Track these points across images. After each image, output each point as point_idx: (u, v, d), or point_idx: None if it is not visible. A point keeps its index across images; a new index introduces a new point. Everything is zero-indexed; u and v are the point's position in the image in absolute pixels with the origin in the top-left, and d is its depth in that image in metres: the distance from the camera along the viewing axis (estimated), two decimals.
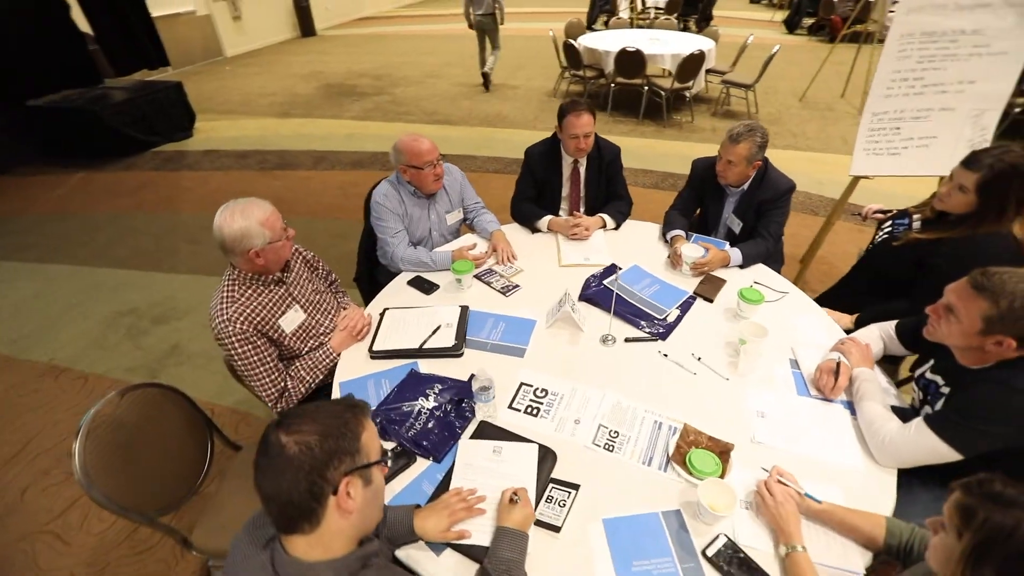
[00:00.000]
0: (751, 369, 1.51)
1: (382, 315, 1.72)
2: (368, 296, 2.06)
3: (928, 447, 1.18)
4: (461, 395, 1.41)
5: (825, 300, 1.89)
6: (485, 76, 6.70)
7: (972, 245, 1.53)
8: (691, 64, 5.17)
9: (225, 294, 1.43)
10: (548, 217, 2.19)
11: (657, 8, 9.40)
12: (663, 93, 5.47)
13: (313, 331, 1.61)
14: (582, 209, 2.39)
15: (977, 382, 1.17)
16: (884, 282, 1.79)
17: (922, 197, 1.82)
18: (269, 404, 1.50)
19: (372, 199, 2.03)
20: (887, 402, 1.35)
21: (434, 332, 1.62)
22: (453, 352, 1.56)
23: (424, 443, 1.29)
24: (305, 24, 10.32)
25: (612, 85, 5.71)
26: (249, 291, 1.46)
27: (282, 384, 1.50)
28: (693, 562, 1.07)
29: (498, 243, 2.04)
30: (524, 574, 1.01)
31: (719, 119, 5.85)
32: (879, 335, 1.54)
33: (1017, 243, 1.51)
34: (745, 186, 2.03)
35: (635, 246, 2.11)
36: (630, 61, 5.28)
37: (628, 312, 1.72)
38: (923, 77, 2.09)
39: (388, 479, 1.21)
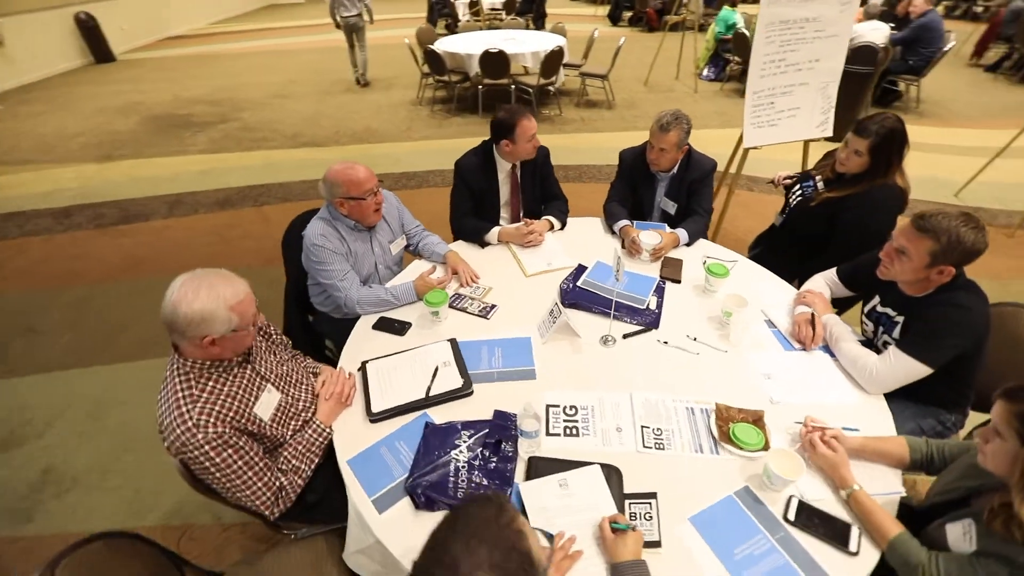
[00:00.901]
0: (740, 338, 1.63)
1: (362, 370, 1.51)
2: (307, 349, 1.81)
3: (907, 369, 1.39)
4: (496, 435, 1.29)
5: (764, 259, 2.12)
6: (359, 78, 7.04)
7: (871, 196, 1.84)
8: (553, 60, 5.42)
9: (181, 393, 1.12)
10: (497, 229, 2.12)
11: (494, 9, 9.69)
12: (530, 90, 5.66)
13: (292, 410, 1.35)
14: (521, 214, 2.36)
15: (929, 307, 1.40)
16: (805, 238, 2.06)
17: (787, 161, 2.13)
18: (265, 511, 1.23)
19: (308, 242, 1.77)
20: (855, 339, 1.56)
21: (435, 375, 1.47)
22: (464, 392, 1.43)
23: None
24: (97, 48, 8.66)
25: (480, 87, 5.75)
26: (211, 383, 1.17)
27: (276, 484, 1.23)
28: (781, 531, 1.12)
29: (456, 264, 1.93)
30: None
31: (583, 109, 6.23)
32: (825, 283, 1.76)
33: (901, 190, 1.84)
34: (674, 170, 2.18)
35: (587, 242, 2.14)
36: (495, 62, 5.36)
37: (604, 308, 1.73)
38: (785, 58, 2.45)
39: None
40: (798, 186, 2.12)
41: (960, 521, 1.06)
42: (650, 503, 1.17)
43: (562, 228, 2.23)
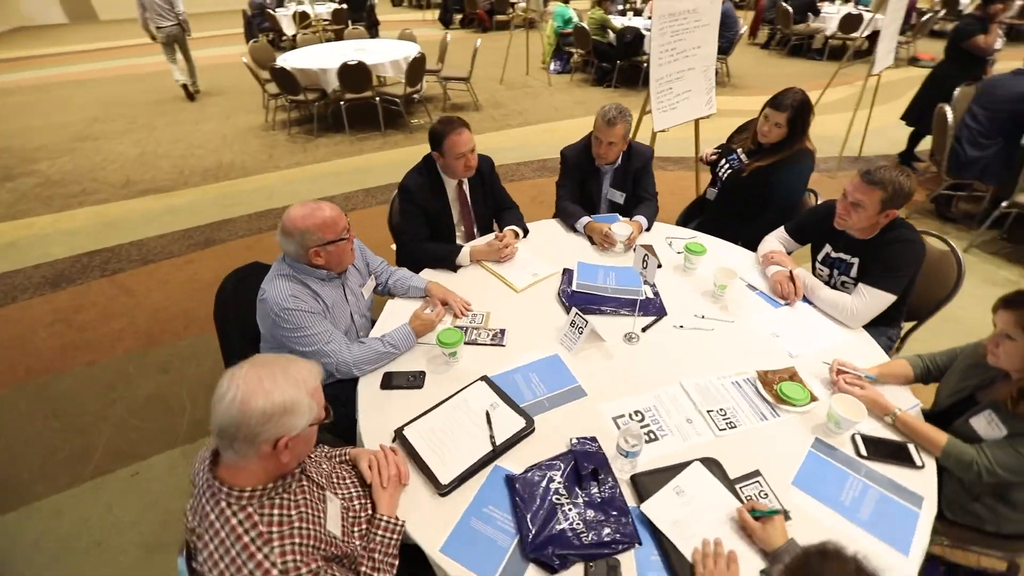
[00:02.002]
0: (739, 306, 1.76)
1: (399, 440, 1.30)
2: None
3: (879, 301, 1.63)
4: (587, 464, 1.21)
5: (707, 228, 2.31)
6: (186, 88, 6.66)
7: (793, 160, 2.12)
8: (417, 67, 5.26)
9: (249, 538, 0.84)
10: (467, 248, 1.98)
11: (323, 20, 9.07)
12: (398, 100, 5.43)
13: (351, 513, 1.10)
14: (475, 230, 2.25)
15: (881, 246, 1.66)
16: (740, 205, 2.29)
17: (679, 139, 2.38)
18: None
19: (274, 309, 1.45)
20: (825, 286, 1.78)
21: (489, 421, 1.32)
22: (529, 431, 1.31)
23: (610, 540, 1.08)
24: None
25: (341, 103, 5.34)
26: (276, 511, 0.90)
27: None
28: (863, 468, 1.23)
29: (444, 295, 1.76)
30: None
31: (453, 113, 6.16)
32: (778, 241, 1.99)
33: (811, 151, 2.15)
34: (618, 161, 2.26)
35: (558, 245, 2.13)
36: (355, 75, 5.02)
37: (609, 307, 1.75)
38: (676, 47, 2.68)
39: None
40: (724, 160, 2.35)
41: (981, 414, 1.27)
42: (758, 480, 1.20)
43: (525, 236, 2.18)
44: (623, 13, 8.09)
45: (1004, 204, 3.21)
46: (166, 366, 2.63)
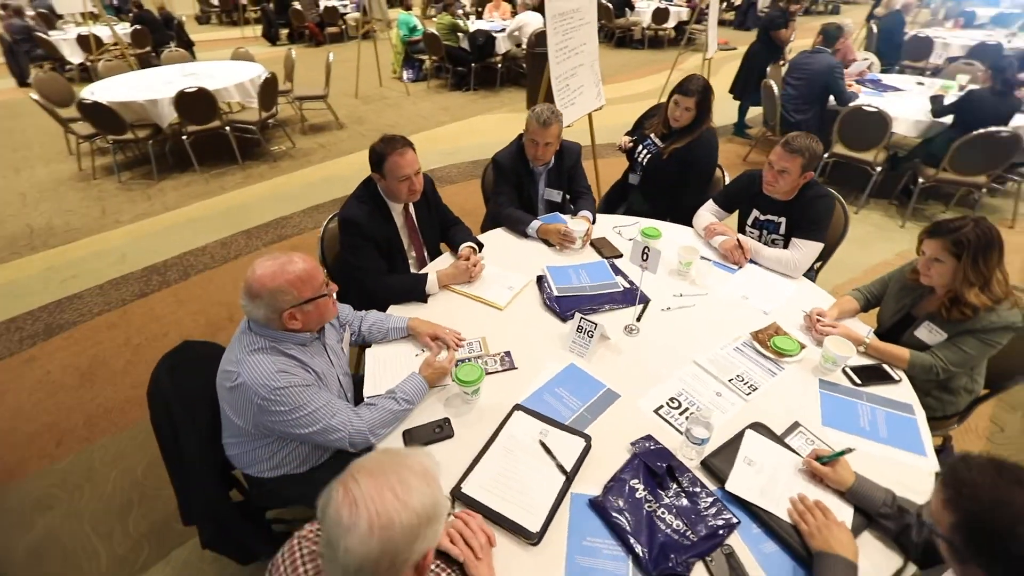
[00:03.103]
0: (705, 279, 1.90)
1: (459, 500, 1.17)
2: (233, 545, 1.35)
3: (813, 250, 1.89)
4: (659, 463, 1.21)
5: (636, 211, 2.46)
6: None
7: (705, 139, 2.35)
8: (270, 89, 4.73)
9: None
10: (433, 275, 1.84)
11: (112, 45, 7.65)
12: (253, 127, 4.83)
13: None
14: (426, 255, 2.10)
15: (803, 203, 1.92)
16: (662, 186, 2.48)
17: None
18: None
19: (261, 394, 1.19)
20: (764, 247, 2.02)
21: (548, 451, 1.25)
22: (589, 446, 1.27)
23: (715, 530, 1.09)
24: None
25: (185, 137, 4.58)
26: None
27: None
28: (863, 395, 1.43)
29: (433, 330, 1.61)
30: None
31: (314, 136, 5.69)
32: (711, 214, 2.19)
33: (714, 129, 2.40)
34: (552, 161, 2.28)
35: (514, 253, 2.08)
36: (197, 103, 4.35)
37: (597, 304, 1.77)
38: (567, 45, 2.79)
39: None
40: (640, 147, 2.51)
41: (922, 326, 1.55)
42: (800, 430, 1.31)
43: (481, 250, 2.10)
44: (466, 16, 8.20)
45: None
46: (47, 502, 2.02)
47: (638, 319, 1.71)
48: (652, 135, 2.49)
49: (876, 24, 6.59)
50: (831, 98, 4.09)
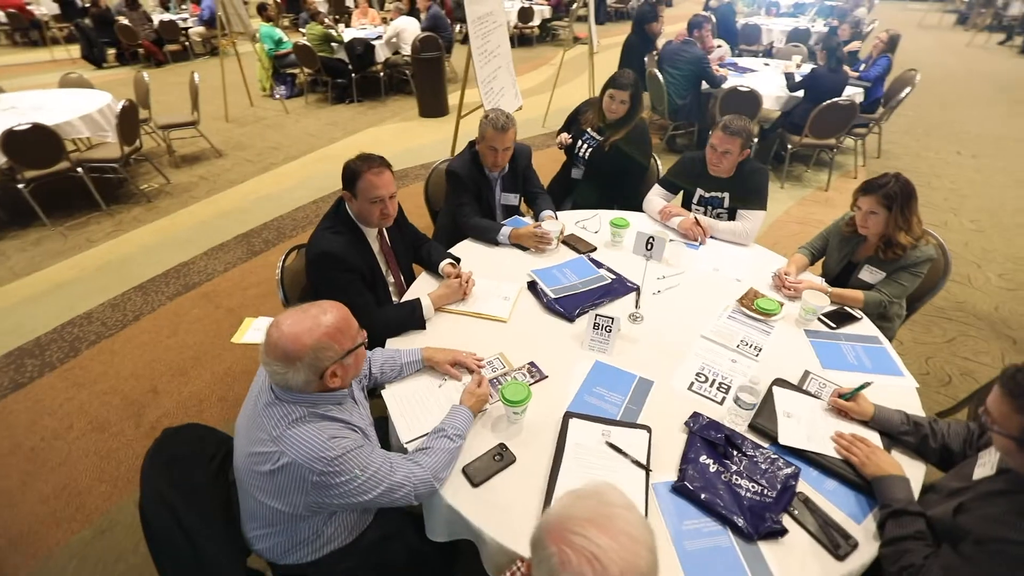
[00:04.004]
0: (676, 259, 2.04)
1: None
2: None
3: (759, 219, 2.14)
4: (716, 434, 1.29)
5: (583, 204, 2.56)
6: None
7: (639, 128, 2.52)
8: (130, 119, 4.06)
9: None
10: (426, 300, 1.74)
11: None
12: (115, 165, 4.12)
13: None
14: (403, 280, 1.98)
15: (743, 178, 2.15)
16: (609, 175, 2.60)
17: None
18: None
19: (320, 467, 1.04)
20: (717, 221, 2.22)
21: (619, 450, 1.27)
22: (650, 433, 1.31)
23: (786, 482, 1.19)
24: None
25: (23, 185, 3.76)
26: None
27: None
28: (841, 336, 1.66)
29: (452, 357, 1.52)
30: None
31: (192, 168, 5.01)
32: (661, 198, 2.36)
33: (644, 119, 2.58)
34: (506, 167, 2.27)
35: (492, 262, 2.05)
36: (34, 144, 3.59)
37: (595, 299, 1.81)
38: (486, 48, 2.80)
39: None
40: (580, 142, 2.61)
41: (864, 269, 1.84)
42: (812, 377, 1.49)
43: (459, 263, 2.03)
44: (335, 24, 7.76)
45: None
46: None
47: (636, 307, 1.78)
48: (589, 129, 2.60)
49: (713, 15, 7.52)
50: (703, 83, 4.60)
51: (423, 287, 1.89)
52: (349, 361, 1.13)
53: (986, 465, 1.08)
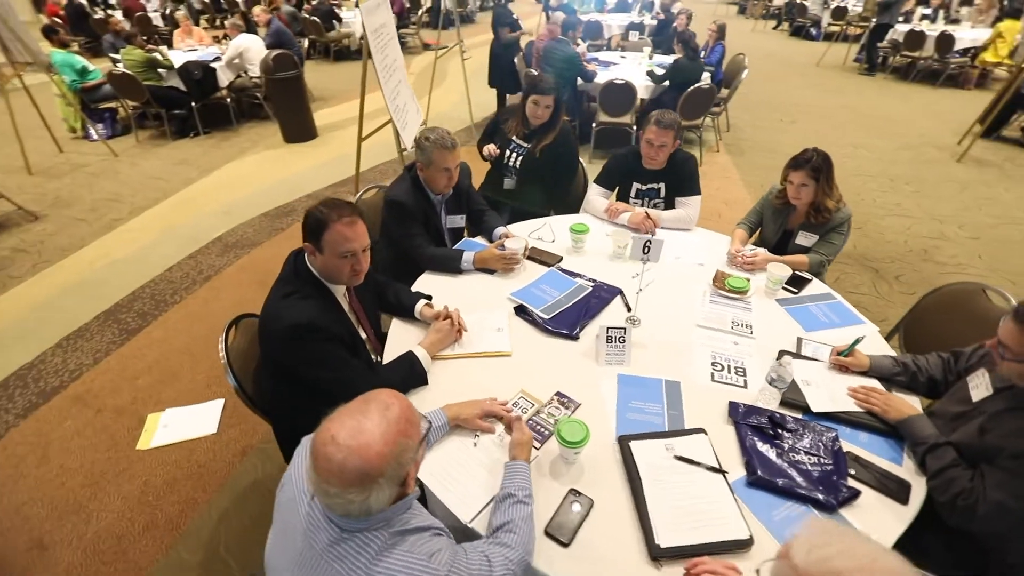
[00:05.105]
0: (638, 253, 2.09)
1: (664, 557, 1.09)
2: None
3: (697, 203, 2.29)
4: (760, 419, 1.35)
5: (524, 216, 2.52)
6: None
7: (565, 130, 2.55)
8: None
9: None
10: (422, 352, 1.54)
11: None
12: None
13: None
14: (373, 332, 1.75)
15: (677, 167, 2.29)
16: (542, 180, 2.58)
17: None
18: None
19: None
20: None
21: (691, 461, 1.25)
22: (707, 434, 1.32)
23: (834, 444, 1.29)
24: None
25: None
26: None
27: None
28: (804, 299, 1.85)
29: (480, 409, 1.36)
30: None
31: (7, 235, 3.92)
32: (599, 195, 2.41)
33: (567, 127, 2.60)
34: (449, 190, 2.13)
35: (466, 291, 1.91)
36: None
37: (592, 312, 1.78)
38: (386, 62, 2.59)
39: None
40: (508, 151, 2.56)
41: (799, 235, 2.07)
42: (806, 342, 1.63)
43: (430, 300, 1.85)
44: (156, 46, 6.63)
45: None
46: None
47: (628, 311, 1.79)
48: (515, 138, 2.56)
49: (560, 12, 7.97)
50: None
51: (403, 336, 1.69)
52: (423, 453, 0.95)
53: (980, 387, 1.28)
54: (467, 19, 13.64)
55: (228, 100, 5.93)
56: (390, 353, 1.60)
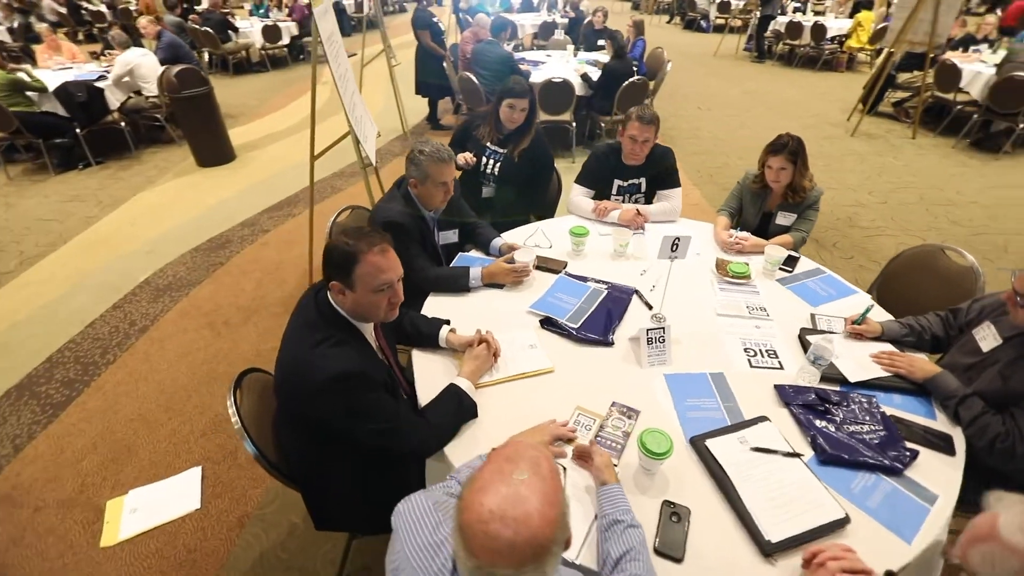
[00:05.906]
0: (641, 250, 2.13)
1: (777, 551, 1.10)
2: None
3: (679, 195, 2.37)
4: (811, 398, 1.41)
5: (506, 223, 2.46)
6: None
7: (540, 134, 2.51)
8: None
9: None
10: (465, 383, 1.44)
11: None
12: None
13: None
14: (397, 369, 1.61)
15: (656, 161, 2.35)
16: (521, 185, 2.53)
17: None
18: None
19: None
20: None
21: (768, 450, 1.28)
22: (770, 420, 1.36)
23: (881, 414, 1.37)
24: None
25: None
26: None
27: None
28: (799, 277, 1.97)
29: (551, 433, 1.30)
30: None
31: None
32: (583, 195, 2.41)
33: (540, 129, 2.57)
34: (444, 205, 2.01)
35: (479, 312, 1.82)
36: None
37: (618, 315, 1.76)
38: (339, 72, 2.39)
39: None
40: (484, 158, 2.48)
41: (779, 215, 2.21)
42: (819, 318, 1.73)
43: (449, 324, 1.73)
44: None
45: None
46: None
47: (650, 309, 1.81)
48: (490, 144, 2.49)
49: (467, 15, 7.91)
50: None
51: (430, 367, 1.58)
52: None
53: (988, 339, 1.43)
54: (371, 24, 13.16)
55: (122, 124, 5.23)
56: (423, 388, 1.48)
